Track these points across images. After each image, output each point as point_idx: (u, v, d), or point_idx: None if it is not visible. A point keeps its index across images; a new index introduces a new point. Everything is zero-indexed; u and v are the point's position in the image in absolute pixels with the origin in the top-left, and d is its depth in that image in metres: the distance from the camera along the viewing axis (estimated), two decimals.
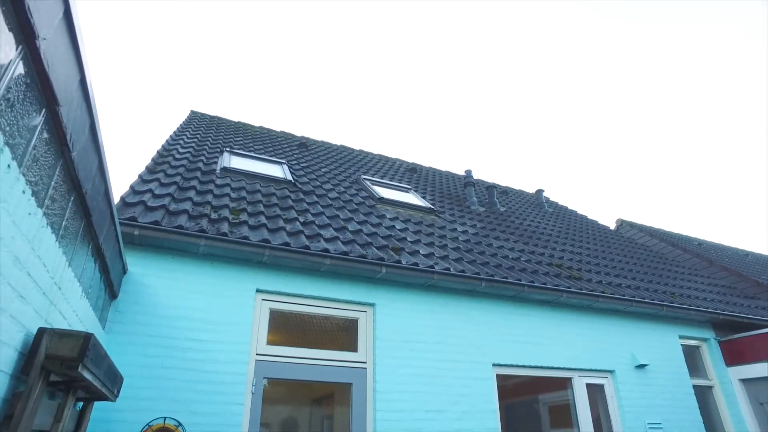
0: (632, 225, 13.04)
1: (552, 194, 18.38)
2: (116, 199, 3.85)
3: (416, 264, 4.69)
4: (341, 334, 4.64)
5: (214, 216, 4.42)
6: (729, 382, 6.65)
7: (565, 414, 5.56)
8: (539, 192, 11.94)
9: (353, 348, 4.49)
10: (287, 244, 4.23)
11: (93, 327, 3.07)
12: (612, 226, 13.14)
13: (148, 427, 3.43)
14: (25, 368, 1.79)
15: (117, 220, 2.99)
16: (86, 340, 1.86)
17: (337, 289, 4.52)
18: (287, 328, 4.55)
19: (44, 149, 1.68)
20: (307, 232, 4.71)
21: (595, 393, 5.64)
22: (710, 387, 6.68)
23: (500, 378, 5.05)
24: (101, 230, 2.70)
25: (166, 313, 3.82)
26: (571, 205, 12.96)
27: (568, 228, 9.69)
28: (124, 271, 3.78)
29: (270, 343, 4.23)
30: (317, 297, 4.45)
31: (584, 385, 5.51)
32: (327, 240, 4.66)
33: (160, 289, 3.87)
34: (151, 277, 3.88)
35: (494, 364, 4.97)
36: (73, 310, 2.53)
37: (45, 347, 1.81)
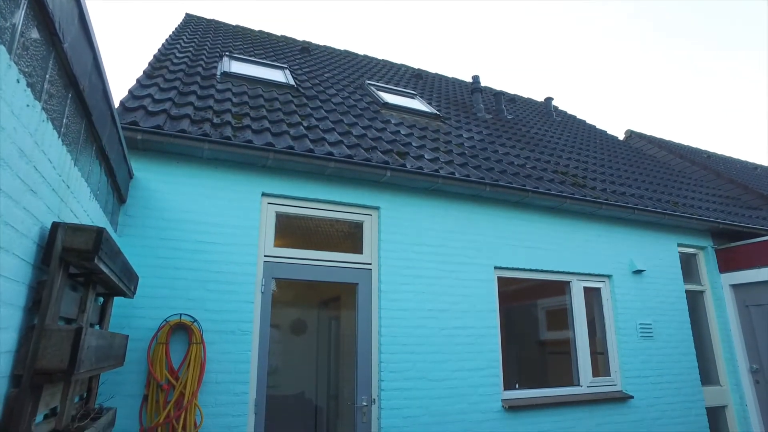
0: (641, 136, 12.80)
1: (561, 103, 17.89)
2: (116, 104, 3.79)
3: (421, 168, 4.68)
4: (347, 236, 4.76)
5: (216, 120, 4.36)
6: (720, 288, 6.88)
7: (561, 317, 5.83)
8: (548, 100, 11.61)
9: (359, 250, 4.63)
10: (291, 147, 4.21)
11: (105, 227, 3.15)
12: (621, 137, 12.92)
13: (165, 323, 3.64)
14: (45, 259, 1.87)
15: (118, 122, 2.96)
16: (99, 233, 1.92)
17: (342, 192, 4.57)
18: (294, 231, 4.66)
19: (33, 37, 1.62)
20: (311, 137, 4.67)
21: (592, 296, 5.88)
22: (701, 292, 6.93)
23: (501, 281, 5.24)
24: (103, 131, 2.68)
25: (174, 217, 3.90)
26: (581, 115, 12.66)
27: (576, 137, 9.54)
28: (130, 176, 3.81)
29: (277, 245, 4.36)
30: (322, 200, 4.50)
31: (582, 289, 5.72)
32: (331, 144, 4.63)
33: (167, 193, 3.92)
34: (157, 182, 3.92)
35: (496, 267, 5.14)
36: (84, 210, 2.59)
37: (61, 240, 1.87)
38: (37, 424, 1.91)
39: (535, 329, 6.39)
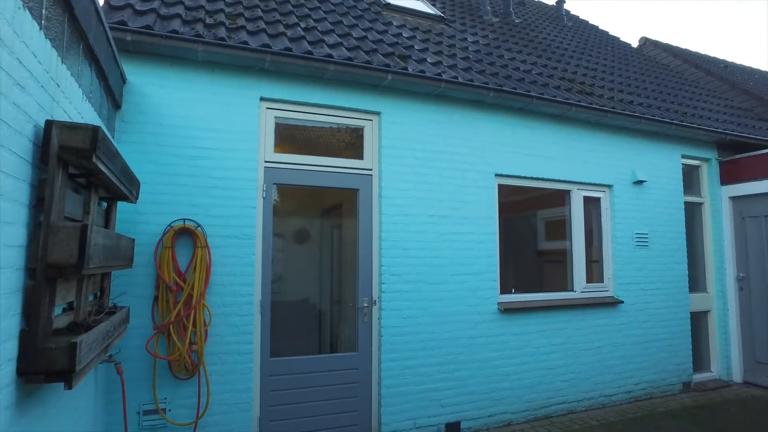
0: (656, 44, 12.18)
1: (573, 7, 16.86)
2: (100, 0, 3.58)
3: (423, 72, 4.51)
4: (348, 142, 4.70)
5: (209, 21, 4.14)
6: (719, 200, 6.92)
7: (559, 228, 5.91)
8: (559, 4, 10.93)
9: (359, 156, 4.60)
10: (289, 49, 4.04)
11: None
12: (635, 44, 12.32)
13: (170, 228, 3.71)
14: (43, 158, 1.86)
15: (104, 19, 2.82)
16: (95, 132, 1.89)
17: (342, 96, 4.45)
18: (294, 136, 4.60)
19: None
20: (309, 38, 4.46)
21: (591, 206, 5.93)
22: (700, 204, 6.98)
23: (502, 190, 5.25)
24: (89, 28, 2.55)
25: (171, 123, 3.83)
26: (594, 21, 11.98)
27: (586, 43, 9.10)
28: (123, 80, 3.69)
29: (277, 151, 4.32)
30: (322, 105, 4.40)
31: (582, 198, 5.76)
32: (330, 46, 4.43)
33: (162, 98, 3.82)
34: (152, 86, 3.81)
35: (497, 174, 5.13)
36: (77, 111, 2.53)
37: (57, 138, 1.84)
38: (57, 316, 2.02)
39: (534, 239, 6.51)
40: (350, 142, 4.68)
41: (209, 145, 3.93)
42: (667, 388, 6.03)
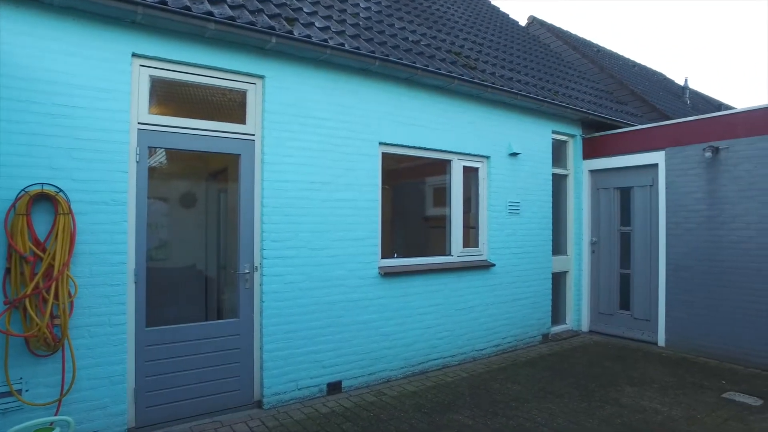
0: (542, 24, 13.01)
1: None
2: None
3: (309, 36, 4.44)
4: (229, 105, 4.53)
5: None
6: (581, 173, 7.74)
7: (444, 195, 6.25)
8: None
9: (242, 120, 4.46)
10: (164, 2, 3.74)
11: None
12: (524, 22, 13.04)
13: (24, 193, 3.36)
14: None
15: None
16: None
17: (224, 58, 4.25)
18: (172, 98, 4.34)
19: None
20: None
21: (470, 175, 6.33)
22: (565, 176, 7.75)
23: (387, 158, 5.42)
24: None
25: (29, 76, 3.41)
26: None
27: (477, 17, 9.47)
28: None
29: (153, 112, 4.06)
30: (202, 65, 4.17)
31: (461, 167, 6.12)
32: (212, 3, 4.17)
33: (16, 47, 3.37)
34: (4, 32, 3.35)
35: (381, 143, 5.26)
36: None
37: None
38: None
39: (422, 205, 6.83)
40: (232, 106, 4.52)
41: (74, 102, 3.58)
42: (530, 340, 6.78)
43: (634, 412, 4.38)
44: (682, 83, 14.89)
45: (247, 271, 4.39)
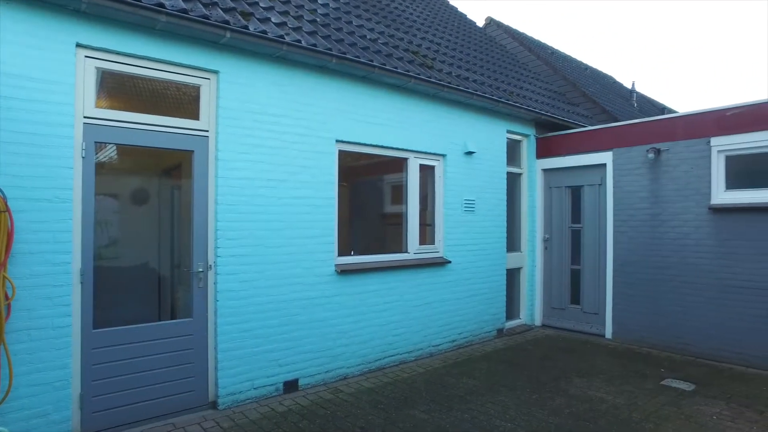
0: (499, 25, 13.28)
1: None
2: None
3: (265, 32, 4.38)
4: (183, 101, 4.41)
5: None
6: (534, 171, 7.97)
7: (402, 193, 6.31)
8: None
9: (195, 116, 4.35)
10: None
11: None
12: (481, 23, 13.26)
13: None
14: None
15: None
16: None
17: (177, 52, 4.12)
18: (121, 91, 4.19)
19: None
20: None
21: (427, 173, 6.41)
22: (520, 174, 7.97)
23: (344, 155, 5.42)
24: None
25: None
26: None
27: (435, 17, 9.58)
28: None
29: (101, 106, 3.91)
30: (153, 59, 4.03)
31: (418, 166, 6.19)
32: None
33: None
34: None
35: (337, 141, 5.25)
36: None
37: None
38: None
39: (380, 203, 6.87)
40: (186, 102, 4.40)
41: (11, 94, 3.39)
42: (485, 335, 6.94)
43: (581, 402, 4.57)
44: (630, 86, 15.55)
45: (200, 269, 4.30)
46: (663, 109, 16.81)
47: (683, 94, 46.42)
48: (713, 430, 3.97)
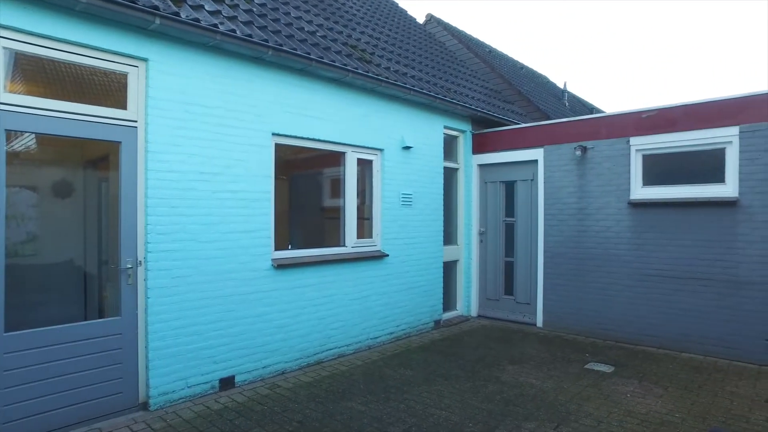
0: (439, 22, 13.50)
1: None
2: None
3: (197, 20, 4.23)
4: (109, 89, 4.18)
5: None
6: (471, 167, 8.22)
7: (341, 187, 6.31)
8: None
9: (123, 106, 4.13)
10: None
11: None
12: (422, 19, 13.43)
13: None
14: None
15: None
16: None
17: (102, 36, 3.89)
18: (39, 76, 3.90)
19: None
20: None
21: (364, 167, 6.45)
22: (456, 169, 8.19)
23: (281, 149, 5.35)
24: None
25: None
26: None
27: (375, 12, 9.61)
28: None
29: (13, 91, 3.63)
30: (74, 42, 3.77)
31: (356, 160, 6.22)
32: None
33: None
34: None
35: (274, 134, 5.17)
36: None
37: None
38: None
39: (319, 196, 6.84)
40: (112, 90, 4.17)
41: None
42: (423, 326, 7.10)
43: (512, 388, 4.79)
44: (562, 86, 16.31)
45: (129, 266, 4.11)
46: (592, 109, 17.77)
47: (613, 95, 49.23)
48: (627, 406, 4.31)
